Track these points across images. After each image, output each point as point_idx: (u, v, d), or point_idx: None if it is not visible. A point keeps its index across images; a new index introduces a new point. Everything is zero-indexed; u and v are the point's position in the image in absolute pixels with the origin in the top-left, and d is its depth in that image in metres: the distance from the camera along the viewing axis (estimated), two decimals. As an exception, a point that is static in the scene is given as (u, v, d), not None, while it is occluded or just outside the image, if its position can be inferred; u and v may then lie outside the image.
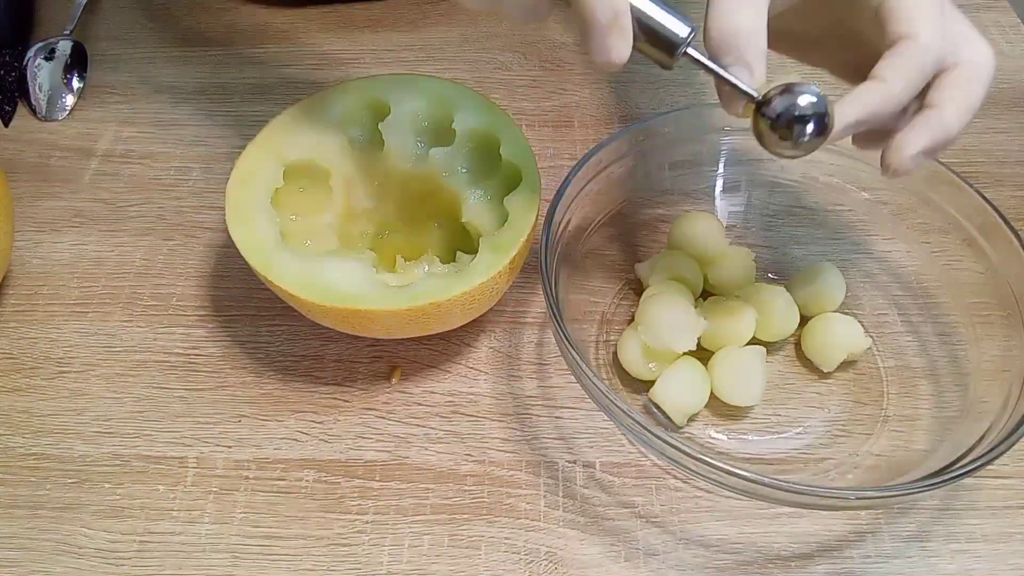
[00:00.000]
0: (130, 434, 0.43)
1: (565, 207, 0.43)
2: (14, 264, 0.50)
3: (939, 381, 0.44)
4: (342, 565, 0.39)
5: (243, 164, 0.43)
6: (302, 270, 0.40)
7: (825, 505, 0.36)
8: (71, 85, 0.60)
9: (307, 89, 0.61)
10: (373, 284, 0.40)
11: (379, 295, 0.39)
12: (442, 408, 0.44)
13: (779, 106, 0.34)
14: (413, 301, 0.39)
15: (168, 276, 0.50)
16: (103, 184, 0.55)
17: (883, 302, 0.47)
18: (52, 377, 0.45)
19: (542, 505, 0.40)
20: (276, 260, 0.40)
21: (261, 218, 0.41)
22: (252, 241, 0.40)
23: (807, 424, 0.43)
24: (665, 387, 0.42)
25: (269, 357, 0.46)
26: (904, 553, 0.39)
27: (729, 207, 0.50)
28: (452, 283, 0.39)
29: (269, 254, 0.40)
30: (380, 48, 0.64)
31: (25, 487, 0.41)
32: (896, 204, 0.47)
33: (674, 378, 0.42)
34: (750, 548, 0.39)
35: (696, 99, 0.60)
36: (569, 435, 0.43)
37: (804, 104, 0.34)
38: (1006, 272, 0.42)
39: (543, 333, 0.47)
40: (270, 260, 0.40)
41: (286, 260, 0.40)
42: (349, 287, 0.39)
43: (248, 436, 0.43)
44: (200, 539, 0.39)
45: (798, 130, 0.34)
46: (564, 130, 0.58)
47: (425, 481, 0.41)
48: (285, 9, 0.67)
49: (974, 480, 0.41)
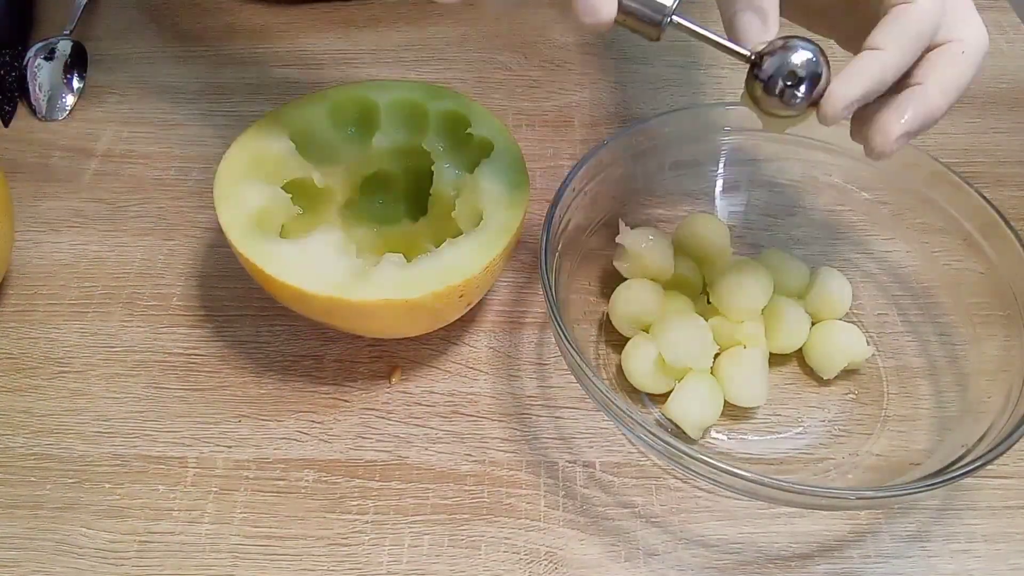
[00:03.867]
0: (130, 434, 0.43)
1: (565, 207, 0.43)
2: (14, 264, 0.50)
3: (939, 381, 0.44)
4: (342, 565, 0.39)
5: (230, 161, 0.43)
6: (280, 254, 0.39)
7: (825, 505, 0.36)
8: (71, 85, 0.60)
9: (307, 89, 0.61)
10: (360, 273, 0.39)
11: (370, 286, 0.39)
12: (442, 408, 0.44)
13: (772, 65, 0.33)
14: (407, 292, 0.38)
15: (168, 276, 0.50)
16: (103, 184, 0.55)
17: (883, 302, 0.47)
18: (52, 377, 0.45)
19: (542, 505, 0.40)
20: (263, 246, 0.39)
21: (251, 192, 0.41)
22: (239, 223, 0.40)
23: (807, 424, 0.43)
24: (679, 403, 0.41)
25: (269, 357, 0.46)
26: (904, 553, 0.39)
27: (729, 207, 0.50)
28: (444, 272, 0.39)
29: (257, 240, 0.40)
30: (380, 48, 0.64)
31: (25, 487, 0.41)
32: (896, 204, 0.47)
33: (689, 393, 0.41)
34: (750, 548, 0.39)
35: (696, 99, 0.60)
36: (569, 435, 0.43)
37: (799, 62, 0.33)
38: (1006, 272, 0.42)
39: (543, 333, 0.47)
40: (259, 248, 0.39)
41: (271, 246, 0.39)
42: (334, 274, 0.39)
43: (248, 436, 0.43)
44: (200, 539, 0.39)
45: (790, 92, 0.33)
46: (564, 130, 0.58)
47: (425, 481, 0.41)
48: (285, 9, 0.67)
49: (974, 480, 0.41)
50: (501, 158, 0.43)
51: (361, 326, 0.42)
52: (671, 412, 0.41)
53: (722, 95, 0.60)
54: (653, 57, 0.63)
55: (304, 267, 0.39)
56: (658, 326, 0.43)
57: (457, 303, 0.41)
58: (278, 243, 0.40)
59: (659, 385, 0.42)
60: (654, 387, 0.43)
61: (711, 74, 0.62)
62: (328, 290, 0.38)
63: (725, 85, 0.61)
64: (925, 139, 0.57)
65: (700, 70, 0.62)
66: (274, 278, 0.38)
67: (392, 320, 0.40)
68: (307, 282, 0.38)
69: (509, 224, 0.41)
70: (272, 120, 0.45)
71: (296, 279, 0.38)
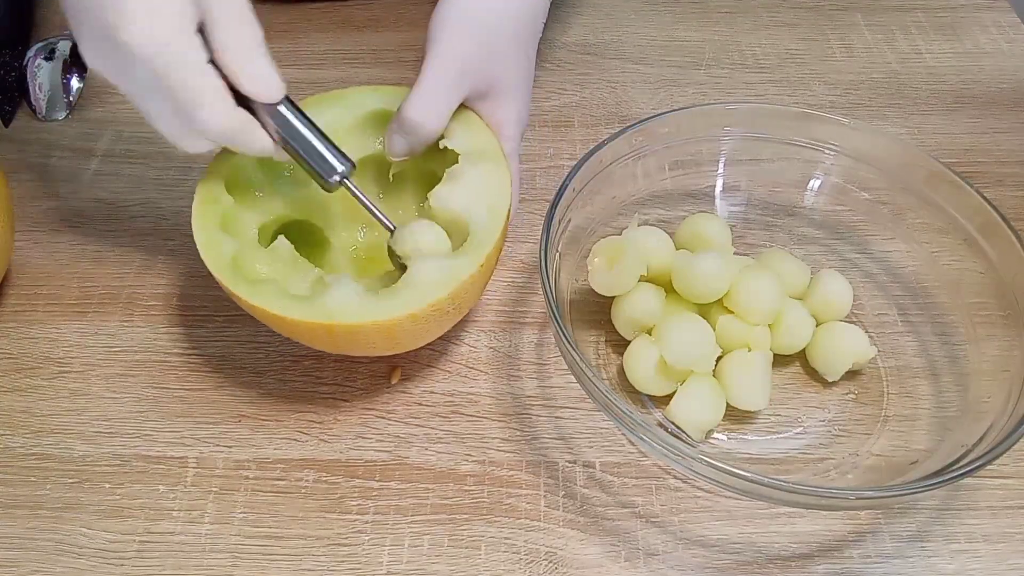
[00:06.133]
0: (130, 434, 0.43)
1: (565, 207, 0.43)
2: (14, 264, 0.50)
3: (939, 381, 0.44)
4: (342, 565, 0.39)
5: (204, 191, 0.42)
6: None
7: (825, 505, 0.36)
8: (71, 85, 0.60)
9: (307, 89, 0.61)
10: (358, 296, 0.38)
11: (360, 308, 0.38)
12: (442, 408, 0.44)
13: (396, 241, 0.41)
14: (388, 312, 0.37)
15: (168, 276, 0.50)
16: (103, 184, 0.55)
17: (883, 302, 0.47)
18: (52, 377, 0.45)
19: (542, 505, 0.40)
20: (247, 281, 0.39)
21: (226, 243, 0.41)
22: (217, 253, 0.40)
23: (807, 424, 0.43)
24: (682, 405, 0.41)
25: (269, 357, 0.46)
26: (904, 553, 0.39)
27: (729, 207, 0.50)
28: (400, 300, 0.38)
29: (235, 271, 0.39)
30: (380, 48, 0.64)
31: (25, 487, 0.41)
32: (896, 204, 0.47)
33: (691, 396, 0.41)
34: (750, 548, 0.39)
35: (696, 99, 0.60)
36: (569, 435, 0.43)
37: (413, 245, 0.40)
38: (1006, 272, 0.42)
39: (543, 333, 0.47)
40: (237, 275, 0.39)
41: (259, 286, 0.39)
42: None
43: (248, 436, 0.43)
44: (200, 539, 0.39)
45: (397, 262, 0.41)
46: (564, 130, 0.58)
47: (425, 481, 0.41)
48: (285, 9, 0.67)
49: (974, 480, 0.41)
50: (478, 160, 0.42)
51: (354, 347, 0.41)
52: (673, 415, 0.41)
53: (722, 95, 0.60)
54: (653, 57, 0.63)
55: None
56: (660, 327, 0.43)
57: (441, 320, 0.40)
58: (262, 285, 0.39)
59: (661, 387, 0.42)
60: (656, 389, 0.43)
61: (711, 74, 0.62)
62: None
63: (725, 85, 0.61)
64: (925, 139, 0.57)
65: (700, 70, 0.62)
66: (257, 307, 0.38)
67: (378, 340, 0.39)
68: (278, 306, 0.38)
69: (488, 235, 0.40)
70: (211, 174, 0.43)
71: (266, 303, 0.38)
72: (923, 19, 0.66)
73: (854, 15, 0.67)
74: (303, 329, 0.39)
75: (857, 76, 0.62)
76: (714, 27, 0.66)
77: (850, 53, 0.64)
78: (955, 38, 0.64)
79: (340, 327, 0.38)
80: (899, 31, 0.65)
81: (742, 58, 0.63)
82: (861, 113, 0.59)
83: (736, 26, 0.66)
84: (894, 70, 0.62)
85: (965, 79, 0.61)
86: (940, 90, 0.60)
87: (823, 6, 0.68)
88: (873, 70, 0.62)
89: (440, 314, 0.39)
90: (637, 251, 0.43)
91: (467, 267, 0.39)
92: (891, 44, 0.64)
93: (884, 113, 0.59)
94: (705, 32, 0.66)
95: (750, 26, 0.66)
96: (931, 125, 0.58)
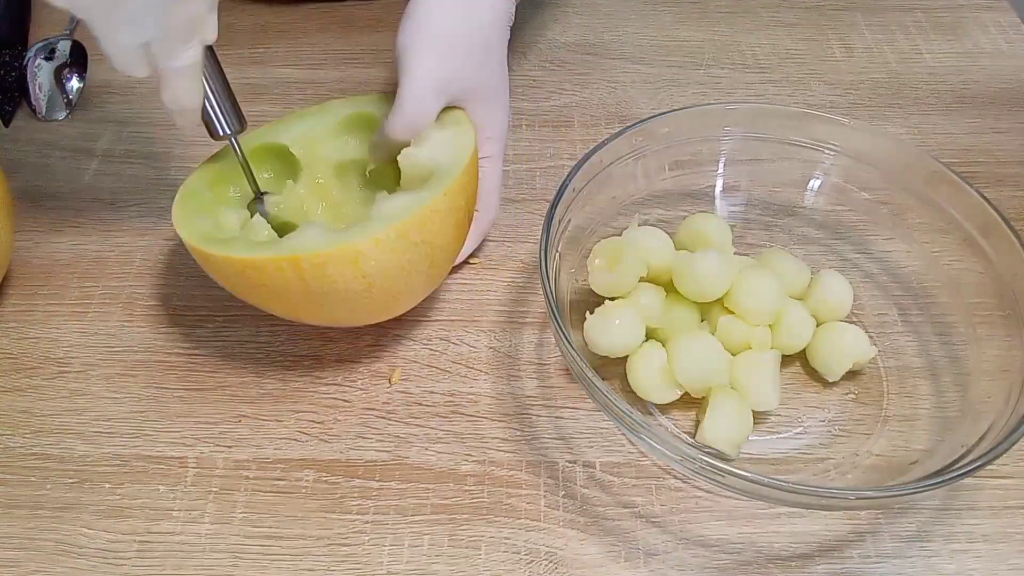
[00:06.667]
0: (130, 434, 0.43)
1: (565, 207, 0.43)
2: (14, 264, 0.50)
3: (939, 381, 0.44)
4: (342, 565, 0.39)
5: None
6: None
7: (825, 505, 0.36)
8: (71, 85, 0.60)
9: (307, 89, 0.61)
10: None
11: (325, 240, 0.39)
12: (442, 408, 0.44)
13: None
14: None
15: (168, 276, 0.50)
16: (103, 184, 0.55)
17: (883, 302, 0.47)
18: (52, 377, 0.45)
19: (542, 505, 0.40)
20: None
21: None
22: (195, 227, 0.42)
23: (807, 424, 0.43)
24: (713, 426, 0.40)
25: (269, 357, 0.46)
26: (904, 553, 0.39)
27: (729, 207, 0.50)
28: None
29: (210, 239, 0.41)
30: (380, 48, 0.64)
31: (25, 487, 0.41)
32: (896, 204, 0.47)
33: (718, 414, 0.40)
34: (750, 548, 0.39)
35: (696, 99, 0.60)
36: (569, 435, 0.43)
37: None
38: (1006, 272, 0.42)
39: (543, 333, 0.47)
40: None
41: None
42: None
43: (248, 436, 0.43)
44: (200, 539, 0.39)
45: None
46: (564, 130, 0.58)
47: (425, 481, 0.41)
48: (285, 9, 0.67)
49: (974, 480, 0.41)
50: (443, 125, 0.44)
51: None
52: (707, 438, 0.40)
53: (722, 95, 0.60)
54: (653, 57, 0.63)
55: None
56: (669, 349, 0.42)
57: (412, 254, 0.40)
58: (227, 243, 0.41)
59: (665, 395, 0.42)
60: (659, 397, 0.42)
61: (711, 74, 0.62)
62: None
63: (725, 85, 0.61)
64: (925, 139, 0.57)
65: (700, 70, 0.62)
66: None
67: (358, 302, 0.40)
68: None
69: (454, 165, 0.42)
70: (197, 171, 0.46)
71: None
72: (923, 19, 0.66)
73: (854, 15, 0.67)
74: (274, 277, 0.39)
75: (857, 76, 0.62)
76: (714, 27, 0.66)
77: (850, 53, 0.64)
78: (955, 38, 0.64)
79: (307, 260, 0.38)
80: (899, 31, 0.65)
81: (742, 58, 0.63)
82: (861, 113, 0.59)
83: (736, 26, 0.66)
84: (894, 70, 0.62)
85: (965, 79, 0.61)
86: (940, 90, 0.60)
87: (823, 6, 0.68)
88: (873, 70, 0.62)
89: (407, 243, 0.39)
90: (637, 251, 0.43)
91: (428, 196, 0.40)
92: (891, 44, 0.64)
93: (884, 113, 0.59)
94: (705, 32, 0.66)
95: (750, 26, 0.66)
96: (931, 125, 0.58)
